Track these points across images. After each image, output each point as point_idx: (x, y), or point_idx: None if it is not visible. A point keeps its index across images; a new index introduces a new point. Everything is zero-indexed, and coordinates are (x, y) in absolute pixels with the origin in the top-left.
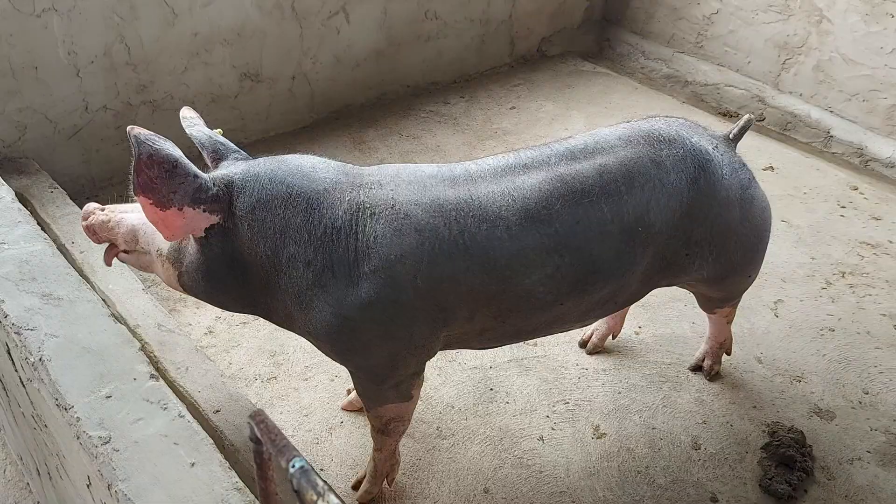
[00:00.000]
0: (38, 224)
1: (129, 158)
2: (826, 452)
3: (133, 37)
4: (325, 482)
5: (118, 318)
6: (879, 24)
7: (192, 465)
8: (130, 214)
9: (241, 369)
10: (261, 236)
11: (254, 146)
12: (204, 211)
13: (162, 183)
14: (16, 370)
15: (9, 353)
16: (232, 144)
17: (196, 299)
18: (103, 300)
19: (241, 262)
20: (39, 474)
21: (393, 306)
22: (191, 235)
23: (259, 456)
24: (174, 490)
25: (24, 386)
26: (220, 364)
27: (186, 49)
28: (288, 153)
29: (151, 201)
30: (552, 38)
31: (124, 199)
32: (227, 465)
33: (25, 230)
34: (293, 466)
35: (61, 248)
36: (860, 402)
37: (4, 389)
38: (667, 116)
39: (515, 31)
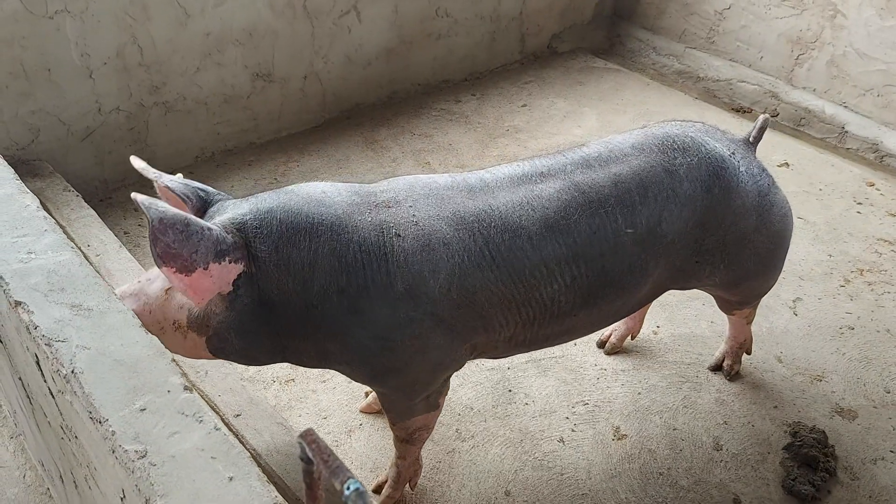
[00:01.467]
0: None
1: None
2: (849, 452)
3: (145, 38)
4: None
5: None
6: (894, 19)
7: (231, 479)
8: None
9: (259, 371)
10: (288, 273)
11: (266, 147)
12: (229, 262)
13: (181, 245)
14: (45, 381)
15: (38, 364)
16: (208, 186)
17: None
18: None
19: (269, 308)
20: (63, 482)
21: (431, 320)
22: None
23: (309, 476)
24: None
25: (53, 397)
26: (237, 367)
27: (199, 49)
28: (300, 154)
29: (175, 269)
30: (562, 35)
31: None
32: (266, 479)
33: (52, 239)
34: (348, 489)
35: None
36: (882, 402)
37: (29, 398)
38: (683, 121)
39: (526, 27)
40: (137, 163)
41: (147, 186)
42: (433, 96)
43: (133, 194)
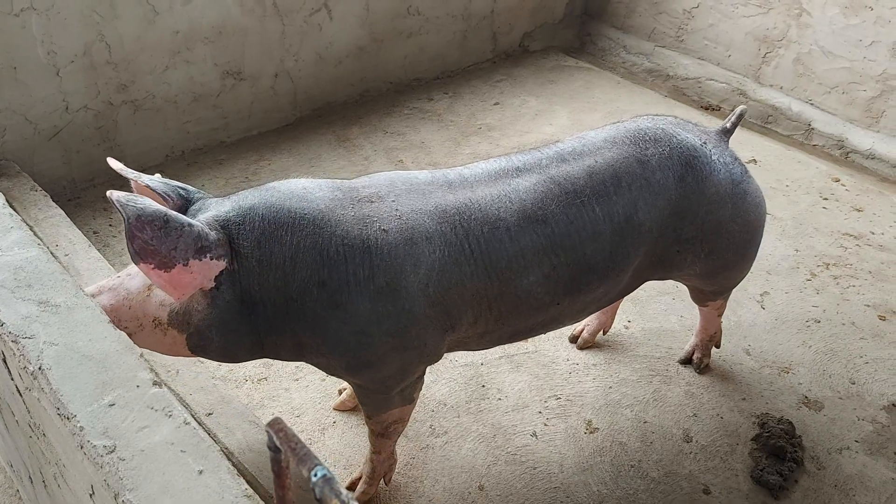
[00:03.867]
0: None
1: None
2: (815, 442)
3: (113, 35)
4: (347, 491)
5: None
6: (858, 17)
7: (201, 472)
8: (100, 297)
9: (231, 371)
10: (269, 269)
11: (236, 145)
12: (211, 259)
13: (159, 242)
14: (12, 379)
15: (4, 362)
16: (188, 185)
17: None
18: None
19: (250, 305)
20: (33, 482)
21: (408, 317)
22: (197, 291)
23: (277, 464)
24: (183, 499)
25: (20, 395)
26: (209, 366)
27: (167, 47)
28: (272, 152)
29: (153, 265)
30: (534, 34)
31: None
32: (236, 472)
33: (19, 236)
34: (315, 475)
35: None
36: (847, 393)
37: None
38: (655, 115)
39: (497, 26)
40: (114, 164)
41: (119, 186)
42: (405, 94)
43: (109, 192)
